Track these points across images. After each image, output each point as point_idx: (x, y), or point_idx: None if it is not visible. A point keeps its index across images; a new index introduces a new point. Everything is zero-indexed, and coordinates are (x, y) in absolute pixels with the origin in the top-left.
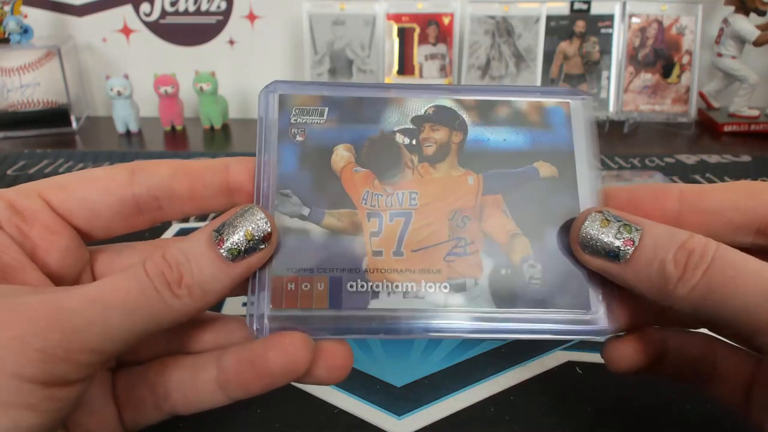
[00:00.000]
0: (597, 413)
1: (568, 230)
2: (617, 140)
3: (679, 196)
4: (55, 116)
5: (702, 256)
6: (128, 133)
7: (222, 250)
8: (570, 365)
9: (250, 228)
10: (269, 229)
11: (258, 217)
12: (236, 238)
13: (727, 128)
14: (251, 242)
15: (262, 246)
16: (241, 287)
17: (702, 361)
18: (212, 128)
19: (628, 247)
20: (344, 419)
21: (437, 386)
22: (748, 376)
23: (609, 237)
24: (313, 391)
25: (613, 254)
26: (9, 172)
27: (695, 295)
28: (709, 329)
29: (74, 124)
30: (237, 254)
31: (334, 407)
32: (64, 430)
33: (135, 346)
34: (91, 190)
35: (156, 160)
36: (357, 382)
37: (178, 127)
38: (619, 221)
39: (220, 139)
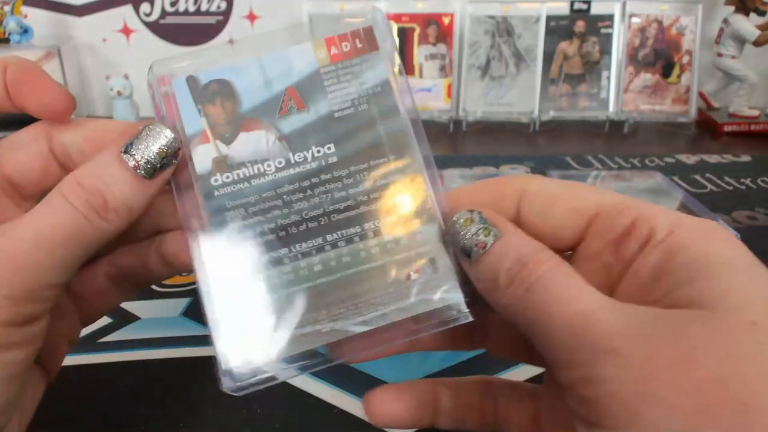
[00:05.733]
0: None
1: None
2: (617, 140)
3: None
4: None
5: (531, 274)
6: None
7: (139, 170)
8: None
9: (163, 146)
10: (179, 145)
11: (166, 134)
12: (150, 157)
13: (727, 128)
14: (165, 159)
15: (174, 161)
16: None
17: (482, 407)
18: None
19: (480, 250)
20: (344, 419)
21: None
22: (533, 413)
23: (467, 236)
24: (313, 391)
25: (466, 253)
26: None
27: (514, 309)
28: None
29: None
30: (153, 172)
31: (334, 407)
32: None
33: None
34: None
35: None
36: (357, 382)
37: None
38: (482, 224)
39: None
